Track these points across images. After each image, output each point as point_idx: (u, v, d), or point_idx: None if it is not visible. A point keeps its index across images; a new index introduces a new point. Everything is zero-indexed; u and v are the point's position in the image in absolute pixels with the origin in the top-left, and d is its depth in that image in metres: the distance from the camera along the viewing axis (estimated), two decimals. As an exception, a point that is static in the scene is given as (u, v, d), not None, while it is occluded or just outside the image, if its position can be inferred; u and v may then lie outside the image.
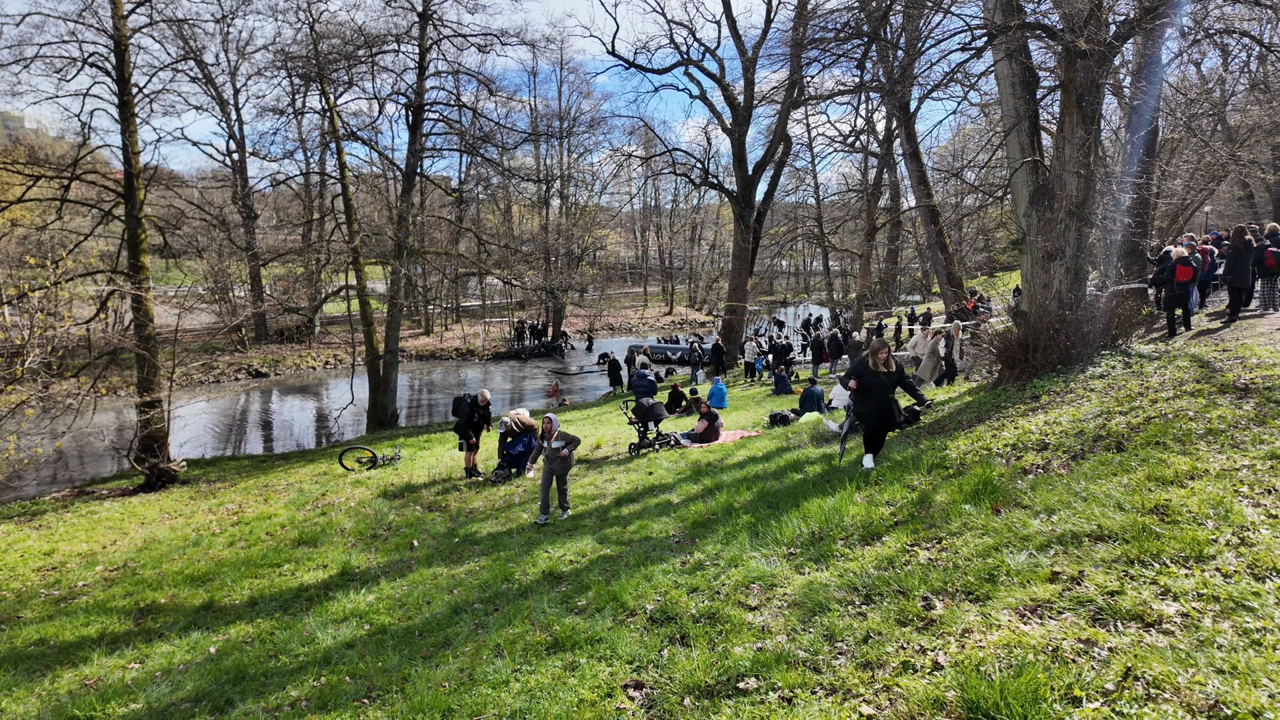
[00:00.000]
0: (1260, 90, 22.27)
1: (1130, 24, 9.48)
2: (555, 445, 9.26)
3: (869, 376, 7.80)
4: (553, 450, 9.26)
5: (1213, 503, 4.39)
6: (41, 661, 6.60)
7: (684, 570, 5.83)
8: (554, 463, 9.22)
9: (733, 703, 3.55)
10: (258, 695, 5.10)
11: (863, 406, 7.97)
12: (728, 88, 29.58)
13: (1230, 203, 30.96)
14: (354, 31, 24.46)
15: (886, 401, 7.94)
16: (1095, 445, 6.31)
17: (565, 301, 48.31)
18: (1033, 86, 10.87)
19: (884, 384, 7.82)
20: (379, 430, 24.11)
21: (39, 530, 12.71)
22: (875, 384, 7.81)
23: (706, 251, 70.28)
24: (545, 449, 9.41)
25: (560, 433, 9.42)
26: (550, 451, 9.30)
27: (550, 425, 9.50)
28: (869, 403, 7.89)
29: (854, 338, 23.83)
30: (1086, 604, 3.62)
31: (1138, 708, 2.74)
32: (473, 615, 5.94)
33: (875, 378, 7.79)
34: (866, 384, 7.80)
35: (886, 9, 12.84)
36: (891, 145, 32.10)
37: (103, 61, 18.90)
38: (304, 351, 41.76)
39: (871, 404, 7.88)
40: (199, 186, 40.98)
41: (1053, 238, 10.05)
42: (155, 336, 18.61)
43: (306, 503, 12.18)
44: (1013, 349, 10.46)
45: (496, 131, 28.57)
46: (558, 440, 9.32)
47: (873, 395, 7.84)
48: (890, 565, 4.83)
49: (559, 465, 9.23)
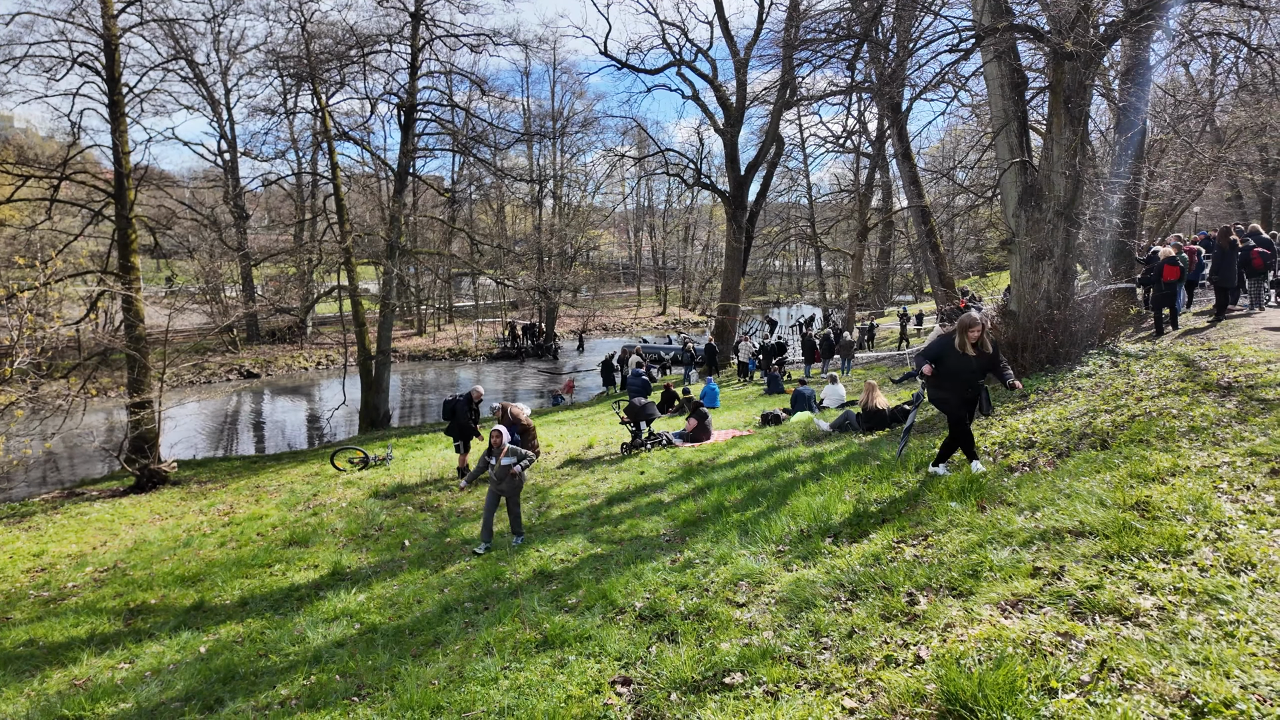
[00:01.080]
0: (1247, 92, 22.48)
1: (1117, 26, 9.58)
2: (505, 462, 8.12)
3: (953, 360, 6.47)
4: (501, 468, 8.14)
5: (1192, 499, 4.45)
6: (31, 662, 6.59)
7: (674, 568, 5.87)
8: (502, 482, 8.17)
9: (718, 698, 3.59)
10: (248, 694, 5.11)
11: (941, 393, 6.68)
12: (720, 88, 29.64)
13: (1218, 203, 31.20)
14: (346, 31, 24.45)
15: (974, 390, 6.72)
16: (1081, 443, 6.39)
17: (559, 302, 48.31)
18: (1021, 88, 10.96)
19: (973, 370, 6.48)
20: (371, 431, 24.08)
21: (28, 532, 12.65)
22: (961, 370, 6.46)
23: (700, 252, 70.38)
24: (493, 466, 8.24)
25: (511, 448, 8.29)
26: (499, 469, 8.18)
27: (499, 439, 8.29)
28: (951, 391, 6.58)
29: (845, 337, 23.90)
30: (1066, 598, 3.67)
31: (1111, 698, 2.79)
32: (463, 614, 5.96)
33: (962, 362, 6.43)
34: (950, 369, 6.49)
35: (877, 10, 12.94)
36: (883, 145, 32.20)
37: (93, 61, 18.82)
38: (296, 352, 41.64)
39: (954, 393, 6.57)
40: (190, 186, 40.89)
41: (1041, 238, 10.14)
42: (146, 337, 18.54)
43: (298, 503, 12.17)
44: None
45: (489, 131, 28.59)
46: (508, 456, 8.17)
47: (957, 383, 6.54)
48: (876, 562, 4.88)
49: (508, 485, 8.19)
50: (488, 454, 8.35)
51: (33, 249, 21.51)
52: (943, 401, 6.71)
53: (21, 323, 12.87)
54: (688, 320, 59.33)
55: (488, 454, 8.35)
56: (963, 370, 6.46)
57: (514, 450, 8.24)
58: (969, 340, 6.38)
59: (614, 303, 67.20)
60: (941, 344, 6.64)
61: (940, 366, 6.53)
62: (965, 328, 6.39)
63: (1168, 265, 11.55)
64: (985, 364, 6.52)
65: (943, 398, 6.68)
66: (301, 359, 40.76)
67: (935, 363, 6.56)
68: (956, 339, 6.45)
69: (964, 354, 6.41)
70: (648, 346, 36.41)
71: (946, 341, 6.57)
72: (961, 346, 6.42)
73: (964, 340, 6.39)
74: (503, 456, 8.18)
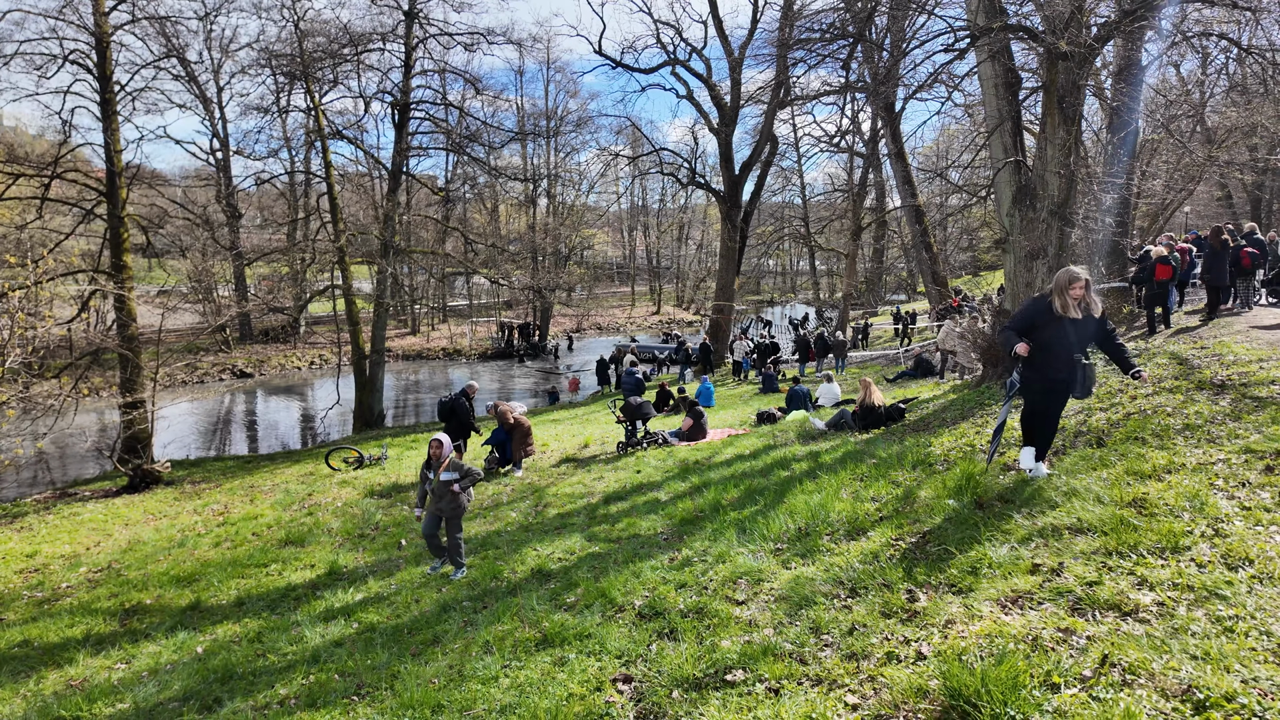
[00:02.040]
0: (1238, 92, 22.63)
1: (1110, 26, 9.62)
2: (445, 477, 7.13)
3: (1050, 329, 5.10)
4: (440, 485, 7.15)
5: (1189, 496, 4.48)
6: (26, 663, 6.55)
7: (672, 566, 5.87)
8: (442, 500, 7.19)
9: (720, 694, 3.59)
10: (246, 694, 5.09)
11: (1034, 373, 5.28)
12: (714, 88, 29.67)
13: (1209, 203, 31.44)
14: (339, 29, 24.37)
15: (1070, 370, 5.20)
16: (1076, 441, 6.42)
17: (553, 301, 48.28)
18: (1015, 88, 11.01)
19: (1072, 342, 5.08)
20: (365, 430, 24.02)
21: (20, 532, 12.57)
22: (1058, 342, 5.09)
23: (694, 251, 70.48)
24: (431, 481, 7.26)
25: (453, 461, 7.27)
26: (438, 486, 7.17)
27: (439, 451, 7.26)
28: (1042, 370, 5.21)
29: (837, 336, 23.95)
30: (1066, 594, 3.69)
31: (1114, 693, 2.81)
32: (461, 613, 5.95)
33: (1061, 332, 5.07)
34: (1043, 342, 5.13)
35: (871, 10, 12.96)
36: (877, 145, 32.33)
37: (84, 59, 18.71)
38: (289, 351, 41.49)
39: (1045, 373, 5.21)
40: (182, 185, 40.62)
41: (1035, 237, 10.19)
42: (138, 336, 18.45)
43: (293, 503, 12.12)
44: (996, 348, 10.59)
45: (483, 130, 28.52)
46: (448, 471, 7.18)
47: (1050, 360, 5.14)
48: (875, 559, 4.90)
49: (448, 505, 7.18)
50: (426, 467, 7.38)
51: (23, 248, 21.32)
52: (1026, 384, 5.37)
53: (12, 322, 12.77)
54: (682, 320, 59.38)
55: (426, 467, 7.38)
56: (1059, 342, 5.07)
57: (456, 464, 7.26)
58: (1071, 299, 4.98)
59: (608, 302, 67.22)
60: (1034, 309, 5.21)
61: (1030, 339, 5.14)
62: (1065, 284, 4.98)
63: (1160, 264, 11.62)
64: (1091, 332, 5.12)
65: (1027, 379, 5.34)
66: (295, 358, 40.62)
67: (1024, 332, 5.19)
68: (1055, 300, 5.04)
69: (1063, 319, 5.01)
70: (641, 346, 36.45)
71: (1040, 305, 5.15)
72: (1061, 309, 5.01)
73: (1064, 300, 4.99)
74: (442, 470, 7.18)
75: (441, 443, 7.29)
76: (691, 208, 69.25)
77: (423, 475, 7.41)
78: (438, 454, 7.25)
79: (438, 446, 7.27)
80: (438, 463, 7.24)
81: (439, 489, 7.16)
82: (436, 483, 7.16)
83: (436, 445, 7.29)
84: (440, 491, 7.17)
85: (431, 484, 7.24)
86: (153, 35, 25.92)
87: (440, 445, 7.28)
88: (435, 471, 7.20)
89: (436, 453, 7.26)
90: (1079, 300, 5.03)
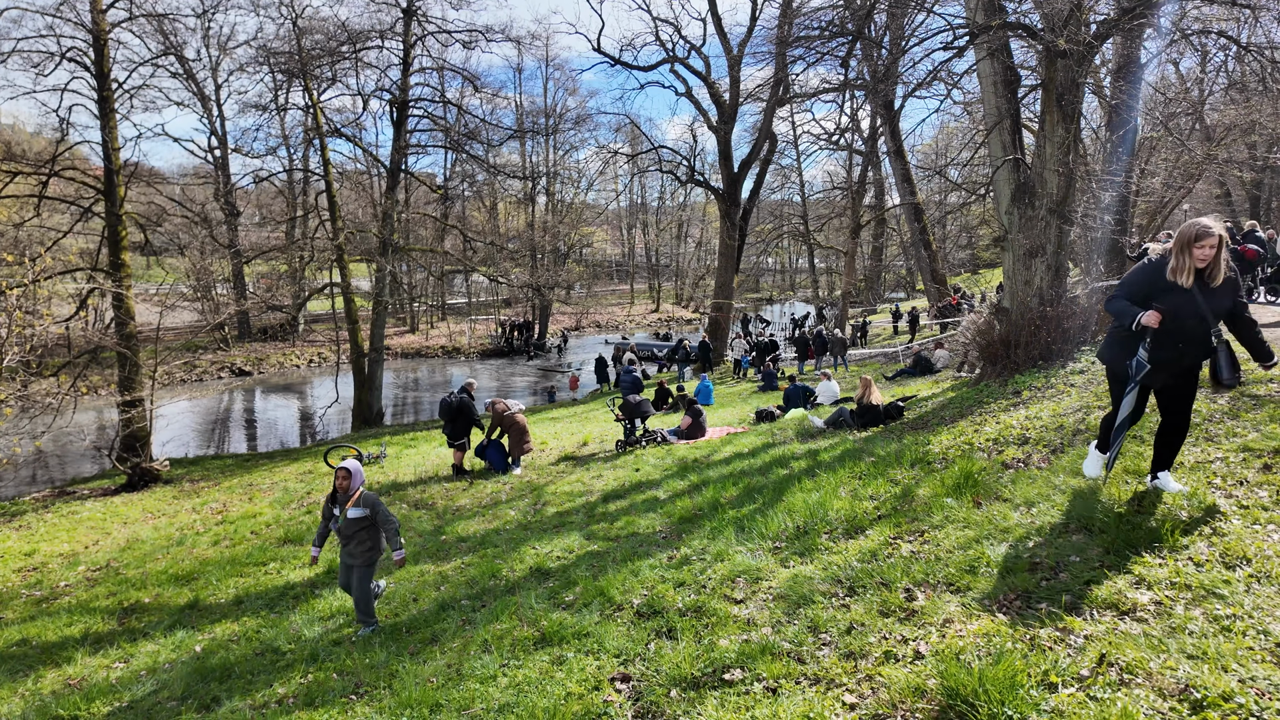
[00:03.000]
0: (1237, 90, 22.62)
1: (1110, 24, 9.61)
2: (353, 514, 5.84)
3: (1173, 297, 4.02)
4: (348, 522, 5.85)
5: (1187, 494, 4.48)
6: (24, 662, 6.55)
7: (671, 565, 5.87)
8: (351, 543, 5.89)
9: (718, 693, 3.59)
10: (244, 693, 5.09)
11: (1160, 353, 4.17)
12: (713, 85, 29.65)
13: (1208, 201, 31.42)
14: (337, 27, 24.35)
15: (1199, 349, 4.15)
16: (1075, 439, 6.42)
17: (552, 299, 48.27)
18: (1014, 85, 11.00)
19: (1198, 314, 4.00)
20: (364, 428, 24.01)
21: (19, 531, 12.57)
22: (1182, 311, 4.02)
23: (693, 249, 70.47)
24: (336, 519, 5.93)
25: (365, 495, 5.94)
26: (345, 526, 5.86)
27: (347, 482, 5.91)
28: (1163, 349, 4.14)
29: (836, 334, 23.95)
30: (1063, 593, 3.69)
31: (1111, 692, 2.81)
32: (460, 611, 5.95)
33: (1185, 301, 4.00)
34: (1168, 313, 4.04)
35: (870, 8, 12.93)
36: (876, 143, 32.32)
37: (81, 56, 18.65)
38: (288, 350, 41.47)
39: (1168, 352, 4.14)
40: (180, 183, 40.57)
41: (1034, 235, 10.18)
42: (137, 335, 18.42)
43: (291, 501, 12.12)
44: (995, 345, 10.59)
45: (482, 128, 28.50)
46: (357, 507, 5.86)
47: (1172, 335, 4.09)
48: (874, 558, 4.90)
49: (358, 552, 5.89)
50: (330, 501, 6.02)
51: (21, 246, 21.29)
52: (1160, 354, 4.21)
53: (10, 320, 12.76)
54: (681, 318, 59.39)
55: (330, 501, 6.02)
56: (1183, 313, 4.03)
57: (369, 499, 5.93)
58: (1196, 262, 3.93)
59: (607, 300, 67.21)
60: (1148, 274, 4.19)
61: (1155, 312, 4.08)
62: (1190, 240, 3.91)
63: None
64: (1221, 303, 4.02)
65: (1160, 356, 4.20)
66: (294, 357, 40.60)
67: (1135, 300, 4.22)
68: (1173, 262, 4.00)
69: (1186, 288, 3.97)
70: (640, 345, 36.45)
71: (1155, 270, 4.13)
72: (1180, 273, 3.98)
73: (1187, 263, 3.94)
74: (350, 506, 5.86)
75: (350, 472, 5.94)
76: (690, 205, 69.23)
77: (326, 511, 6.06)
78: (345, 486, 5.91)
79: (345, 477, 5.92)
80: (344, 496, 5.91)
81: (347, 529, 5.87)
82: (343, 520, 5.87)
83: (344, 475, 5.92)
84: (348, 532, 5.87)
85: (337, 522, 5.92)
86: (150, 32, 25.89)
87: (349, 475, 5.93)
88: (342, 507, 5.90)
89: (344, 484, 5.91)
90: (1206, 263, 3.92)
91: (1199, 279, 3.97)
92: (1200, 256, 3.90)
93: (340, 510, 5.88)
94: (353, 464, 6.00)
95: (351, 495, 5.88)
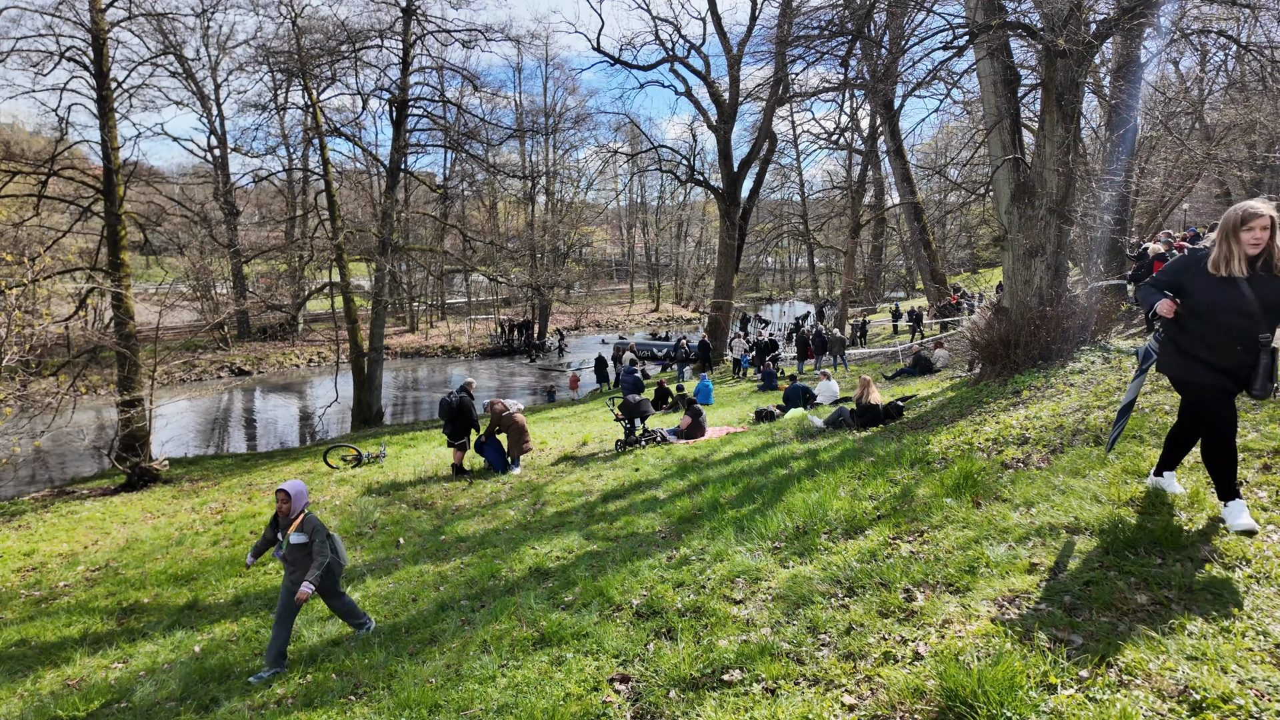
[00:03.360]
0: (1236, 89, 22.63)
1: (1109, 23, 9.61)
2: (294, 540, 5.48)
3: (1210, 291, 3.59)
4: (291, 548, 5.50)
5: (1187, 494, 4.48)
6: (23, 662, 6.55)
7: (670, 565, 5.87)
8: (295, 570, 5.55)
9: (717, 694, 3.59)
10: (243, 693, 5.09)
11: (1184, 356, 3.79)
12: (713, 84, 29.64)
13: (1208, 200, 31.44)
14: (336, 26, 24.34)
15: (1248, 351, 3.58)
16: (1074, 439, 6.41)
17: (551, 299, 48.28)
18: (1014, 85, 11.00)
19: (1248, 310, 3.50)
20: (364, 428, 24.01)
21: (18, 530, 12.56)
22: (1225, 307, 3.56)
23: (693, 248, 70.45)
24: (281, 545, 5.57)
25: (309, 520, 5.56)
26: (289, 552, 5.52)
27: (288, 505, 5.52)
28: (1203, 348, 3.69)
29: (835, 334, 23.96)
30: (1063, 594, 3.69)
31: (1110, 693, 2.81)
32: (459, 612, 5.95)
33: (1229, 294, 3.54)
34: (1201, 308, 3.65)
35: (870, 7, 12.92)
36: (876, 142, 32.30)
37: (80, 56, 18.63)
38: (287, 349, 41.47)
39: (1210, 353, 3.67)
40: (180, 182, 40.61)
41: (1034, 235, 10.18)
42: (136, 334, 18.41)
43: (291, 501, 12.11)
44: (994, 345, 10.59)
45: (481, 127, 28.50)
46: (300, 532, 5.50)
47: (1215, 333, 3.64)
48: (873, 558, 4.90)
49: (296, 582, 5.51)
50: (273, 526, 5.69)
51: (20, 245, 21.28)
52: (1185, 371, 3.77)
53: (9, 320, 12.75)
54: (680, 317, 59.38)
55: (273, 526, 5.69)
56: (1227, 309, 3.54)
57: (313, 524, 5.53)
58: (1246, 249, 3.46)
59: (607, 299, 67.19)
60: (1183, 263, 3.77)
61: (1183, 304, 3.68)
62: (1235, 224, 3.47)
63: (1158, 262, 11.65)
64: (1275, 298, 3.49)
65: (1185, 364, 3.76)
66: (293, 356, 40.60)
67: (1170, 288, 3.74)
68: (1215, 252, 3.55)
69: (1231, 279, 3.51)
70: (639, 344, 36.45)
71: (1191, 260, 3.70)
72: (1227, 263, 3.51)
73: (1236, 251, 3.48)
74: (292, 531, 5.50)
75: (289, 495, 5.53)
76: (690, 205, 69.22)
77: (266, 535, 5.74)
78: (285, 510, 5.53)
79: (285, 500, 5.52)
80: (286, 520, 5.56)
81: (290, 554, 5.52)
82: (286, 546, 5.51)
83: (284, 498, 5.52)
84: (293, 558, 5.53)
85: (281, 549, 5.56)
86: (150, 32, 25.90)
87: (288, 498, 5.52)
88: (284, 533, 5.54)
89: (285, 507, 5.53)
90: (1258, 249, 3.43)
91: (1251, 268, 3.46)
92: (1251, 241, 3.42)
93: (282, 535, 5.53)
94: (293, 486, 5.58)
95: (293, 519, 5.51)
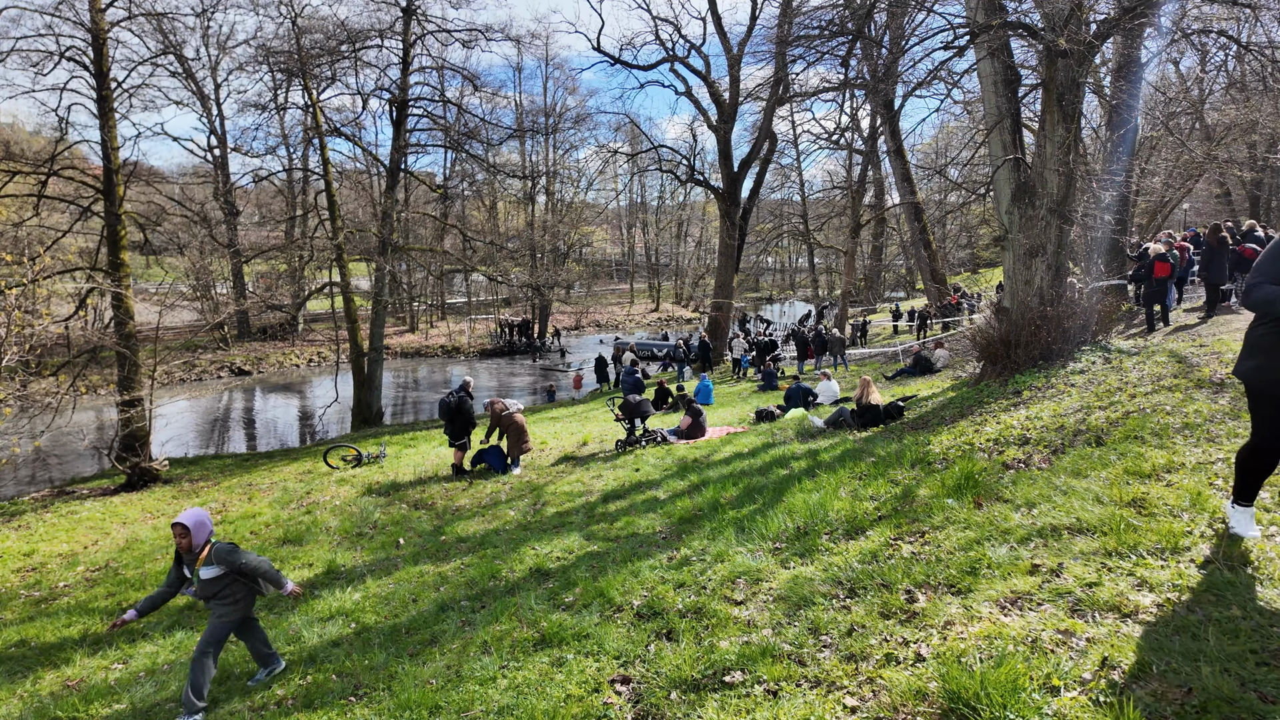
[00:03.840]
0: (1237, 89, 22.62)
1: (1110, 23, 9.59)
2: (205, 575, 4.88)
3: None
4: (204, 584, 4.91)
5: (1189, 495, 4.47)
6: (22, 663, 6.53)
7: (671, 566, 5.86)
8: (215, 604, 5.01)
9: (719, 696, 3.58)
10: (243, 694, 5.08)
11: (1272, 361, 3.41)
12: (713, 84, 29.63)
13: (1208, 200, 31.43)
14: (336, 26, 24.32)
15: None
16: (1075, 440, 6.41)
17: (551, 299, 48.27)
18: (1014, 85, 10.99)
19: None
20: (364, 428, 24.00)
21: (18, 530, 12.55)
22: None
23: (693, 248, 70.44)
24: (193, 583, 4.95)
25: (217, 549, 4.96)
26: (200, 586, 4.93)
27: (188, 540, 4.87)
28: None
29: (835, 334, 23.95)
30: (1065, 595, 3.68)
31: (1113, 695, 2.80)
32: (459, 612, 5.94)
33: None
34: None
35: (870, 7, 12.90)
36: (876, 142, 32.27)
37: (80, 55, 18.61)
38: (287, 349, 41.46)
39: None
40: (180, 182, 40.60)
41: (1034, 235, 10.17)
42: (136, 334, 18.40)
43: (291, 501, 12.10)
44: (995, 345, 10.58)
45: (481, 127, 28.48)
46: (210, 565, 4.90)
47: None
48: (874, 559, 4.89)
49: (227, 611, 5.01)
50: (177, 565, 5.03)
51: (20, 245, 21.27)
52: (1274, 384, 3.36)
53: (9, 320, 12.73)
54: (680, 317, 59.37)
55: (177, 565, 5.03)
56: None
57: (223, 553, 4.94)
58: None
59: (607, 299, 67.17)
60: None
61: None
62: None
63: (1158, 262, 11.63)
64: None
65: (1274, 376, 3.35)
66: (293, 356, 40.58)
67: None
68: None
69: None
70: (639, 344, 36.43)
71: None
72: None
73: None
74: (200, 566, 4.90)
75: (188, 528, 4.87)
76: (690, 205, 69.21)
77: (172, 576, 5.06)
78: (186, 544, 4.88)
79: (183, 534, 4.87)
80: (190, 556, 4.93)
81: (204, 590, 4.94)
82: (198, 583, 4.92)
83: (181, 531, 4.87)
84: (207, 594, 4.96)
85: (193, 585, 4.96)
86: (150, 31, 25.90)
87: (186, 531, 4.87)
88: (192, 569, 4.93)
89: (184, 542, 4.88)
90: None
91: None
92: None
93: (191, 573, 4.93)
94: (192, 517, 4.93)
95: (199, 553, 4.91)
